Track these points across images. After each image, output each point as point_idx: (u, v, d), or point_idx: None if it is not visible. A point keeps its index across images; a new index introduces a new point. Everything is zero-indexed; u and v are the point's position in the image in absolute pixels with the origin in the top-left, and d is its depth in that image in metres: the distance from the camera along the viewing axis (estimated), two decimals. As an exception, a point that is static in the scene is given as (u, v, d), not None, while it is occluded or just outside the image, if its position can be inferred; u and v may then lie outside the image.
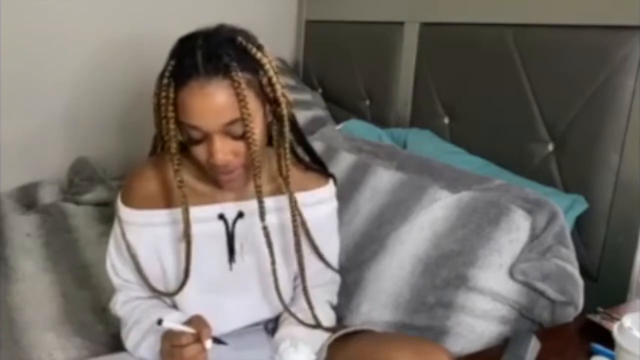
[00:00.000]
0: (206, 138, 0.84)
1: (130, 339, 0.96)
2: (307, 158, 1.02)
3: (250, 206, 0.94)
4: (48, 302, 1.28)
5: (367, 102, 1.94)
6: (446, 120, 1.61)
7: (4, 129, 1.89)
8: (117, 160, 2.07)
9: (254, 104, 0.84)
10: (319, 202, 1.01)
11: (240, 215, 0.96)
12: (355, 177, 1.30)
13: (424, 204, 1.15)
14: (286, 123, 0.90)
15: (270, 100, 0.87)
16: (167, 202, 0.94)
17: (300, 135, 0.99)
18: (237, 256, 0.96)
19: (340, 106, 2.06)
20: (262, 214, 0.91)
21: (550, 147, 1.30)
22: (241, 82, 0.81)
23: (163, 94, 0.83)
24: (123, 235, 0.95)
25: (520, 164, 1.34)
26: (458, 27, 1.56)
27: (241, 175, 0.89)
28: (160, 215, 0.94)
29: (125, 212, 0.95)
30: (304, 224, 0.98)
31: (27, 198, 1.88)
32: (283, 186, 0.94)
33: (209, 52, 0.82)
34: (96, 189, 1.85)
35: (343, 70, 2.06)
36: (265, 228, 0.92)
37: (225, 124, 0.82)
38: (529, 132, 1.33)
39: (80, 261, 1.45)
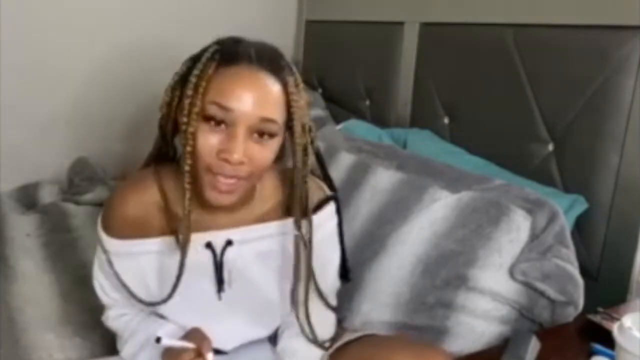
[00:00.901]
0: (228, 128, 0.78)
1: (125, 351, 0.94)
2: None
3: (240, 234, 0.91)
4: (48, 302, 1.27)
5: (367, 102, 1.94)
6: (446, 120, 1.60)
7: (4, 129, 1.89)
8: (117, 160, 2.07)
9: (290, 120, 0.82)
10: (319, 224, 0.94)
11: (229, 243, 0.90)
12: (355, 177, 1.30)
13: (424, 204, 1.15)
14: (310, 152, 0.87)
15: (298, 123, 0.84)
16: (151, 229, 0.88)
17: (320, 163, 0.96)
18: (226, 285, 0.92)
19: (340, 106, 2.06)
20: (297, 222, 0.89)
21: (550, 147, 1.30)
22: (292, 81, 0.81)
23: (199, 66, 0.78)
24: (109, 262, 0.91)
25: (520, 164, 1.34)
26: (458, 27, 1.56)
27: (237, 190, 0.82)
28: (144, 244, 0.89)
29: (106, 241, 0.90)
30: (308, 247, 0.93)
31: (27, 198, 1.88)
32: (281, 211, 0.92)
33: (262, 51, 0.81)
34: (96, 189, 1.85)
35: (343, 70, 2.06)
36: (303, 237, 0.90)
37: (262, 118, 0.78)
38: (529, 132, 1.33)
39: (80, 261, 1.44)
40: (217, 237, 0.90)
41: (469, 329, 1.04)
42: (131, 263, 0.90)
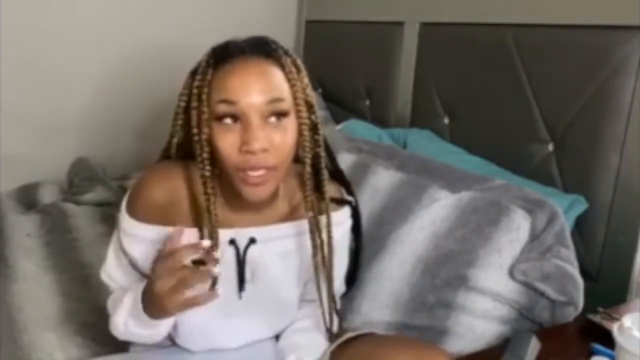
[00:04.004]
0: (240, 123, 0.78)
1: (116, 326, 0.88)
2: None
3: (263, 232, 0.90)
4: (48, 302, 1.27)
5: (367, 102, 1.94)
6: (446, 120, 1.61)
7: (5, 129, 1.89)
8: (117, 160, 2.07)
9: (293, 99, 0.81)
10: (333, 225, 0.93)
11: (253, 241, 0.90)
12: (355, 177, 1.30)
13: (424, 204, 1.15)
14: (321, 132, 0.86)
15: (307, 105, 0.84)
16: (177, 218, 0.86)
17: (329, 154, 0.95)
18: (247, 284, 0.91)
19: (340, 106, 2.06)
20: (309, 204, 0.88)
21: (550, 147, 1.30)
22: (289, 61, 0.81)
23: (199, 77, 0.79)
24: (124, 247, 0.89)
25: (520, 164, 1.34)
26: (458, 27, 1.56)
27: (269, 181, 0.82)
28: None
29: (130, 223, 0.88)
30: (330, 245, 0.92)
31: (27, 198, 1.88)
32: (308, 206, 0.88)
33: (253, 41, 0.82)
34: (96, 189, 1.85)
35: (343, 70, 2.06)
36: (326, 241, 0.89)
37: (269, 100, 0.78)
38: (529, 132, 1.33)
39: (80, 261, 1.44)
40: (241, 235, 0.89)
41: (469, 329, 1.04)
42: (151, 251, 0.87)
